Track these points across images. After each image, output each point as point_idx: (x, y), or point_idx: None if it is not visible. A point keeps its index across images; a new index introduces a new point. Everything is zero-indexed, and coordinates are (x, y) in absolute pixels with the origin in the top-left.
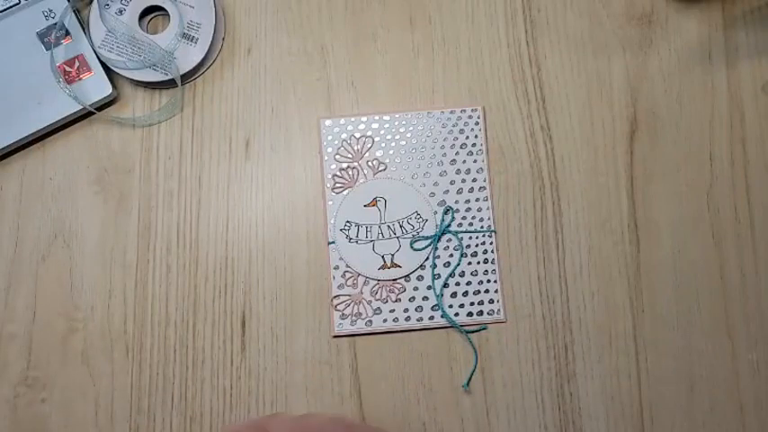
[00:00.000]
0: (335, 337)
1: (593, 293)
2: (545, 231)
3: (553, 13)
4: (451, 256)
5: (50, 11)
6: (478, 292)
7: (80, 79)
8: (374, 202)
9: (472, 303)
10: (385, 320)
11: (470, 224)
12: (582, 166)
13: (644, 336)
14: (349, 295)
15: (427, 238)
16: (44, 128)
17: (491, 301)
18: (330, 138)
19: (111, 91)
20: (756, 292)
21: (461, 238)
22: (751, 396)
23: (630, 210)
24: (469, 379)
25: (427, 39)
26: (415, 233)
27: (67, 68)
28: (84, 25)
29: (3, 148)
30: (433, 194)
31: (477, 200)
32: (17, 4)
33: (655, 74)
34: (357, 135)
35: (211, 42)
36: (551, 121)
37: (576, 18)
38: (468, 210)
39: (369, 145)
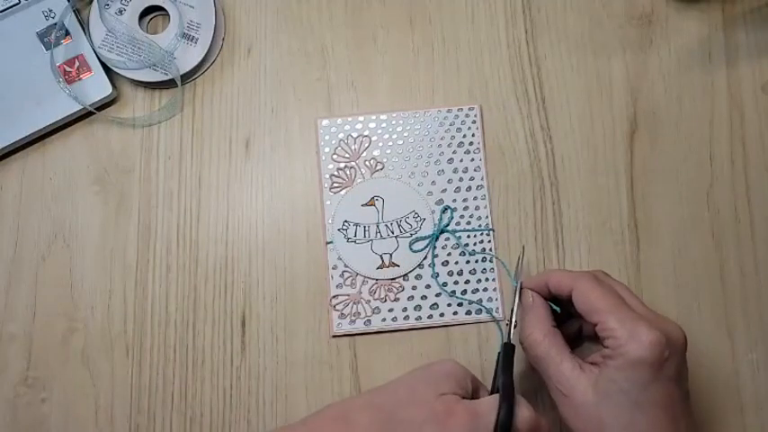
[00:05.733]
0: (334, 336)
1: None
2: (545, 231)
3: (553, 13)
4: (449, 254)
5: (50, 11)
6: (477, 290)
7: (80, 79)
8: (372, 202)
9: (471, 302)
10: (384, 320)
11: (468, 223)
12: (582, 166)
13: None
14: (347, 295)
15: (425, 237)
16: (44, 128)
17: (490, 300)
18: (327, 137)
19: (111, 91)
20: (756, 292)
21: (459, 236)
22: (751, 396)
23: (630, 210)
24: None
25: (427, 39)
26: (413, 232)
27: (67, 68)
28: (84, 25)
29: (3, 148)
30: (430, 193)
31: (476, 198)
32: (17, 4)
33: (655, 74)
34: (354, 135)
35: (211, 42)
36: (551, 121)
37: (576, 18)
38: (465, 208)
39: (366, 144)
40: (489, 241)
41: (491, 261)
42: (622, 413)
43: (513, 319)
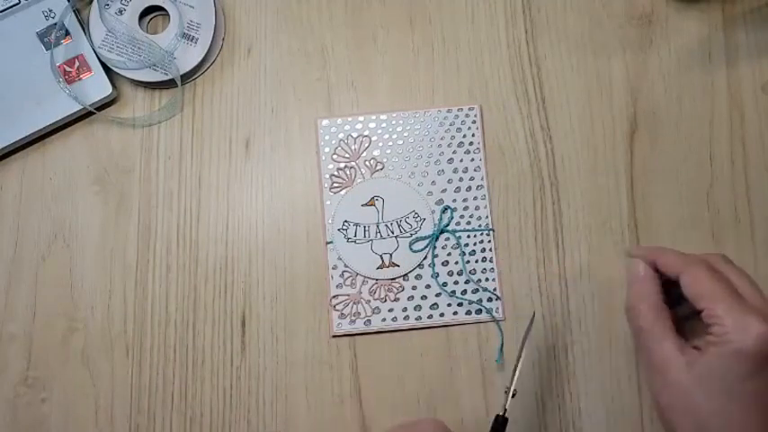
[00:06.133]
0: (334, 336)
1: (593, 293)
2: (545, 231)
3: (553, 13)
4: (449, 254)
5: (50, 11)
6: (477, 290)
7: (80, 79)
8: (372, 202)
9: (471, 302)
10: (384, 320)
11: (468, 223)
12: (582, 166)
13: None
14: (347, 295)
15: (425, 237)
16: (44, 128)
17: (490, 300)
18: (327, 137)
19: (111, 91)
20: None
21: (459, 236)
22: None
23: (630, 210)
24: (501, 352)
25: (427, 39)
26: (413, 232)
27: (67, 68)
28: (84, 25)
29: (3, 148)
30: (430, 193)
31: (476, 198)
32: (17, 4)
33: (655, 74)
34: (354, 135)
35: (211, 42)
36: (551, 121)
37: (576, 18)
38: (465, 208)
39: (366, 144)
40: (489, 241)
41: (491, 261)
42: (715, 399)
43: (512, 388)
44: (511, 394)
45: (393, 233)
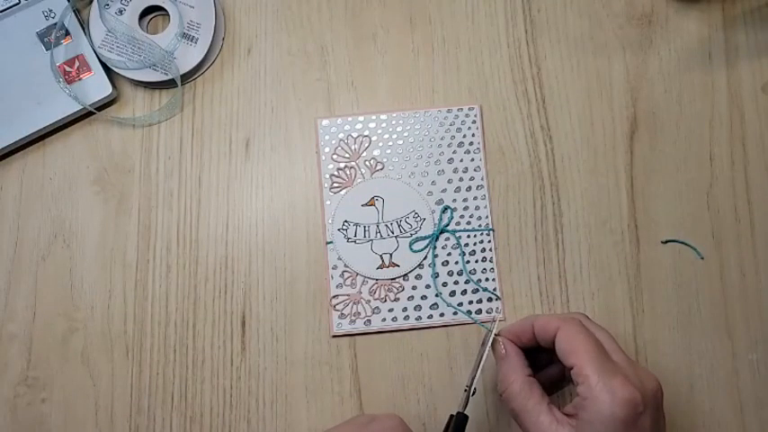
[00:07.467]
0: (334, 336)
1: (593, 293)
2: (545, 231)
3: (553, 13)
4: (449, 254)
5: (50, 11)
6: (477, 290)
7: (80, 79)
8: (372, 202)
9: (471, 302)
10: (384, 320)
11: (468, 223)
12: (582, 166)
13: (644, 336)
14: (348, 295)
15: (425, 237)
16: (44, 128)
17: (490, 300)
18: (327, 137)
19: (111, 91)
20: (756, 292)
21: (459, 236)
22: (751, 396)
23: (630, 210)
24: None
25: (427, 39)
26: (413, 232)
27: (67, 68)
28: (84, 25)
29: (3, 148)
30: (430, 193)
31: (476, 198)
32: (17, 4)
33: (655, 74)
34: (354, 135)
35: (211, 42)
36: (551, 121)
37: (576, 18)
38: (465, 208)
39: (366, 144)
40: (489, 241)
41: (491, 261)
42: None
43: (473, 387)
44: (471, 392)
45: (393, 233)
